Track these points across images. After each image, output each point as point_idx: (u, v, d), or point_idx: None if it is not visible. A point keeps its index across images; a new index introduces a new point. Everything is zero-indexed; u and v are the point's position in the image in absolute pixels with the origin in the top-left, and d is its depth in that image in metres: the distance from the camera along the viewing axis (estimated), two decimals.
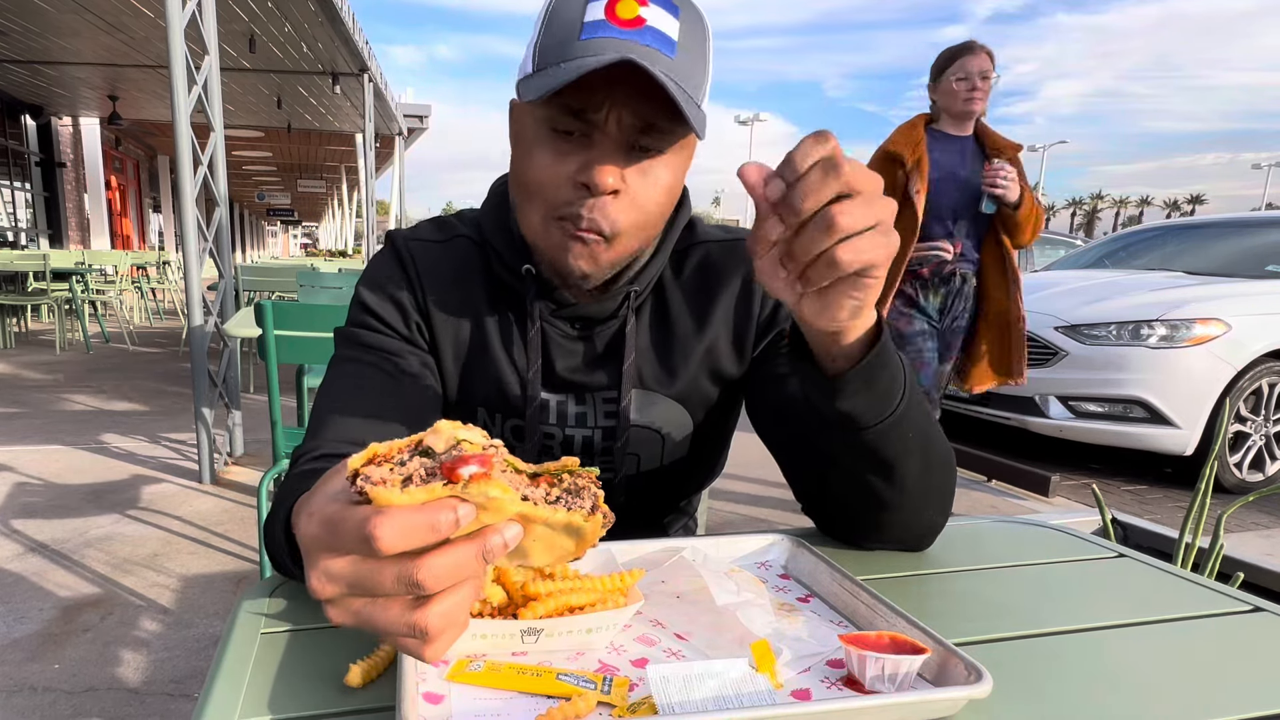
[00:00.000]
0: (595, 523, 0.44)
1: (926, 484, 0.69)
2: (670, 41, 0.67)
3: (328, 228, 33.97)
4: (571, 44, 0.66)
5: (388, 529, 0.37)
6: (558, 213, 0.72)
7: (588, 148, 0.70)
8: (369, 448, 0.40)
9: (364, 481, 0.38)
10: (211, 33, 3.51)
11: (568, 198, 0.71)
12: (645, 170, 0.71)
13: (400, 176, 13.74)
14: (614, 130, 0.68)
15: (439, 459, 0.40)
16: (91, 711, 1.77)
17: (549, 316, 0.83)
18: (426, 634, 0.39)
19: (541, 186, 0.72)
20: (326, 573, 0.40)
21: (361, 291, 0.84)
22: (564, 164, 0.70)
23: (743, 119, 42.39)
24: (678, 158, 0.74)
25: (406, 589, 0.38)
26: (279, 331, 2.00)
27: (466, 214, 0.89)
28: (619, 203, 0.71)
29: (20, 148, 11.75)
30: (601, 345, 0.84)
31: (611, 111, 0.68)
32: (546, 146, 0.71)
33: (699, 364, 0.85)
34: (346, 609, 0.41)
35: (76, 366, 6.25)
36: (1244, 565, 1.49)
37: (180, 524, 2.91)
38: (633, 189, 0.71)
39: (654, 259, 0.83)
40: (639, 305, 0.84)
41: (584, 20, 0.67)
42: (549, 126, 0.70)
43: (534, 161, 0.72)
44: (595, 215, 0.71)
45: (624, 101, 0.67)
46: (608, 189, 0.69)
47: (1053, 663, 0.54)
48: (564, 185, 0.71)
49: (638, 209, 0.72)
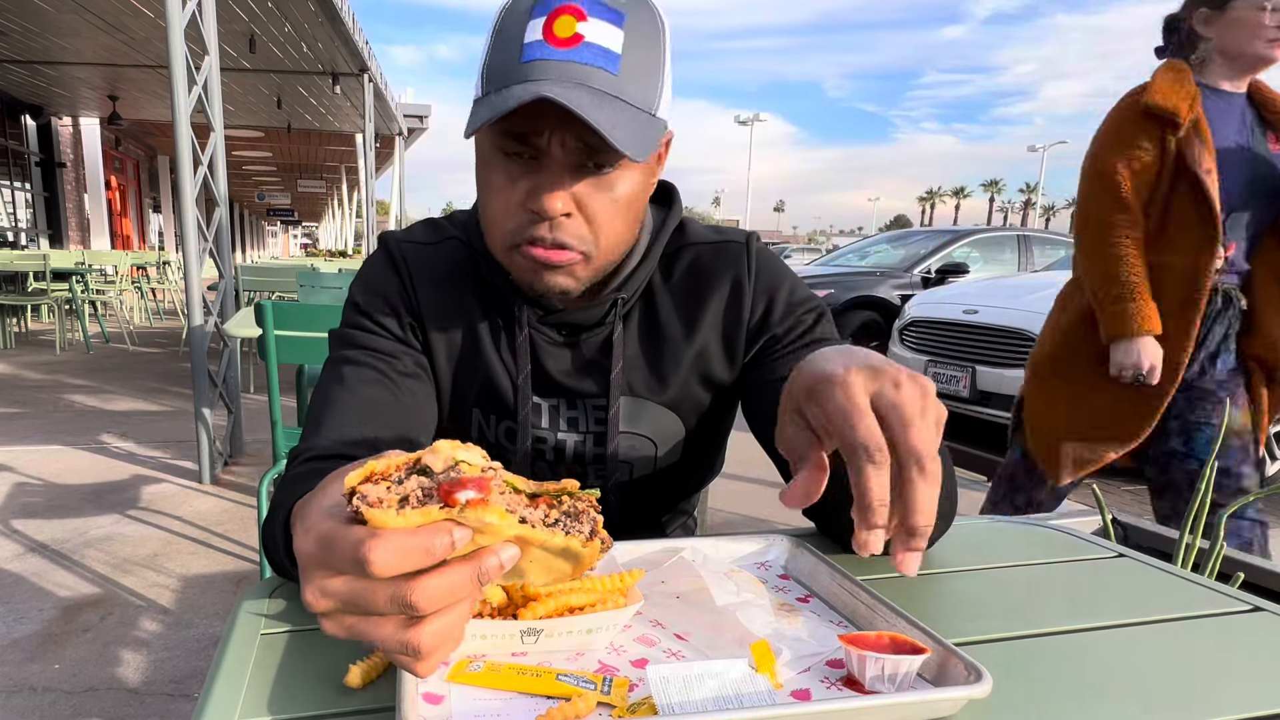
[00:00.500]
0: (593, 548, 0.43)
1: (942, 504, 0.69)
2: (612, 55, 0.66)
3: (328, 228, 33.97)
4: (512, 67, 0.66)
5: (382, 553, 0.37)
6: (515, 240, 0.72)
7: (536, 171, 0.69)
8: (366, 465, 0.40)
9: (360, 501, 0.38)
10: (211, 33, 3.51)
11: (521, 223, 0.71)
12: (599, 186, 0.70)
13: (400, 176, 13.74)
14: (558, 153, 0.68)
15: (436, 479, 0.40)
16: (91, 711, 1.77)
17: (535, 323, 0.83)
18: (419, 652, 0.39)
19: (496, 214, 0.72)
20: (321, 589, 0.40)
21: (355, 293, 0.84)
22: (514, 189, 0.70)
23: (743, 119, 42.42)
24: (637, 167, 0.72)
25: (400, 610, 0.38)
26: (279, 331, 2.00)
27: (458, 215, 0.89)
28: (574, 223, 0.71)
29: (20, 148, 11.75)
30: (589, 352, 0.84)
31: (553, 135, 0.67)
32: (498, 170, 0.71)
33: (689, 370, 0.84)
34: (340, 624, 0.41)
35: (76, 366, 6.25)
36: (1244, 565, 1.49)
37: (180, 524, 2.91)
38: (587, 207, 0.71)
39: (641, 264, 0.83)
40: (627, 311, 0.84)
41: (523, 41, 0.66)
42: (499, 150, 0.70)
43: (488, 185, 0.72)
44: (556, 234, 0.70)
45: (564, 125, 0.66)
46: (556, 213, 0.69)
47: (1053, 663, 0.54)
48: (516, 211, 0.71)
49: (596, 226, 0.72)
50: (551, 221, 0.70)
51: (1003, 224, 57.26)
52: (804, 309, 0.85)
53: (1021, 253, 6.94)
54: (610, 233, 0.73)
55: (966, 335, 4.34)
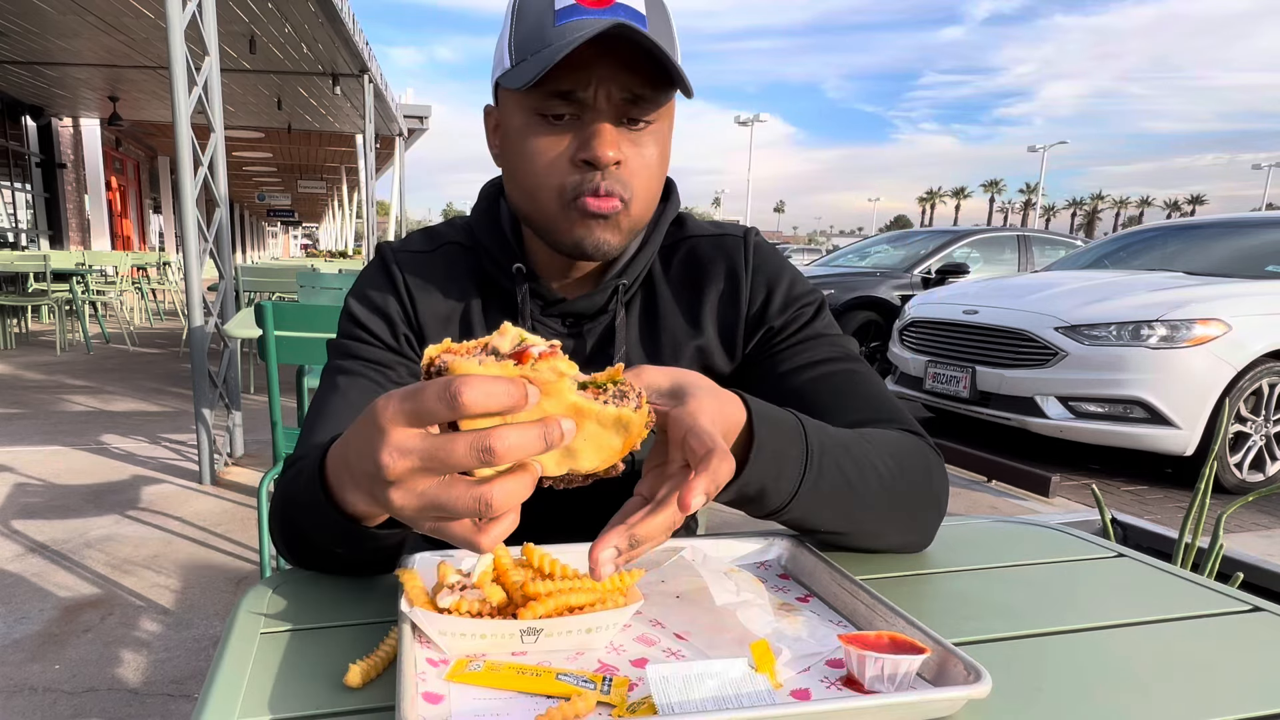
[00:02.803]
0: (642, 415, 0.47)
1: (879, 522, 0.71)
2: (641, 16, 0.69)
3: (328, 228, 33.98)
4: (547, 30, 0.68)
5: (470, 389, 0.40)
6: (570, 194, 0.73)
7: (581, 127, 0.71)
8: (443, 342, 0.44)
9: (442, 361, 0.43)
10: (212, 33, 3.51)
11: (574, 179, 0.72)
12: (637, 141, 0.73)
13: (400, 177, 13.75)
14: (604, 106, 0.70)
15: (504, 358, 0.44)
16: (91, 711, 1.77)
17: (538, 316, 0.84)
18: (490, 507, 0.42)
19: (544, 173, 0.73)
20: (399, 447, 0.42)
21: (351, 304, 0.85)
22: (559, 146, 0.72)
23: (743, 120, 42.39)
24: (662, 126, 0.76)
25: (479, 456, 0.41)
26: (279, 332, 2.00)
27: (457, 220, 0.90)
28: (623, 171, 0.73)
29: (21, 148, 11.75)
30: (592, 342, 0.84)
31: (600, 87, 0.69)
32: (540, 134, 0.72)
33: (691, 362, 0.85)
34: (412, 490, 0.43)
35: (77, 367, 6.25)
36: (1244, 565, 1.49)
37: (180, 524, 2.91)
38: (629, 158, 0.73)
39: (641, 251, 0.84)
40: (628, 300, 0.85)
41: (556, 8, 0.69)
42: (538, 114, 0.72)
43: (531, 150, 0.73)
44: (608, 183, 0.72)
45: (611, 76, 0.69)
46: (610, 161, 0.71)
47: (1053, 663, 0.54)
48: (566, 167, 0.72)
49: (639, 178, 0.74)
50: (604, 171, 0.72)
51: (1003, 224, 57.24)
52: (802, 302, 0.85)
53: (1021, 253, 6.93)
54: (647, 187, 0.76)
55: (966, 335, 4.34)
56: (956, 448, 3.56)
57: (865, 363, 0.83)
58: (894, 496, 0.70)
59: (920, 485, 0.72)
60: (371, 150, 9.83)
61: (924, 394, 4.57)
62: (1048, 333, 3.91)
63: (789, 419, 0.63)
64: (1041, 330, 3.94)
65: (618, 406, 0.46)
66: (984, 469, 3.57)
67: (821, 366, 0.81)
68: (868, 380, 0.81)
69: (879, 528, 0.72)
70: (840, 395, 0.79)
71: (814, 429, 0.64)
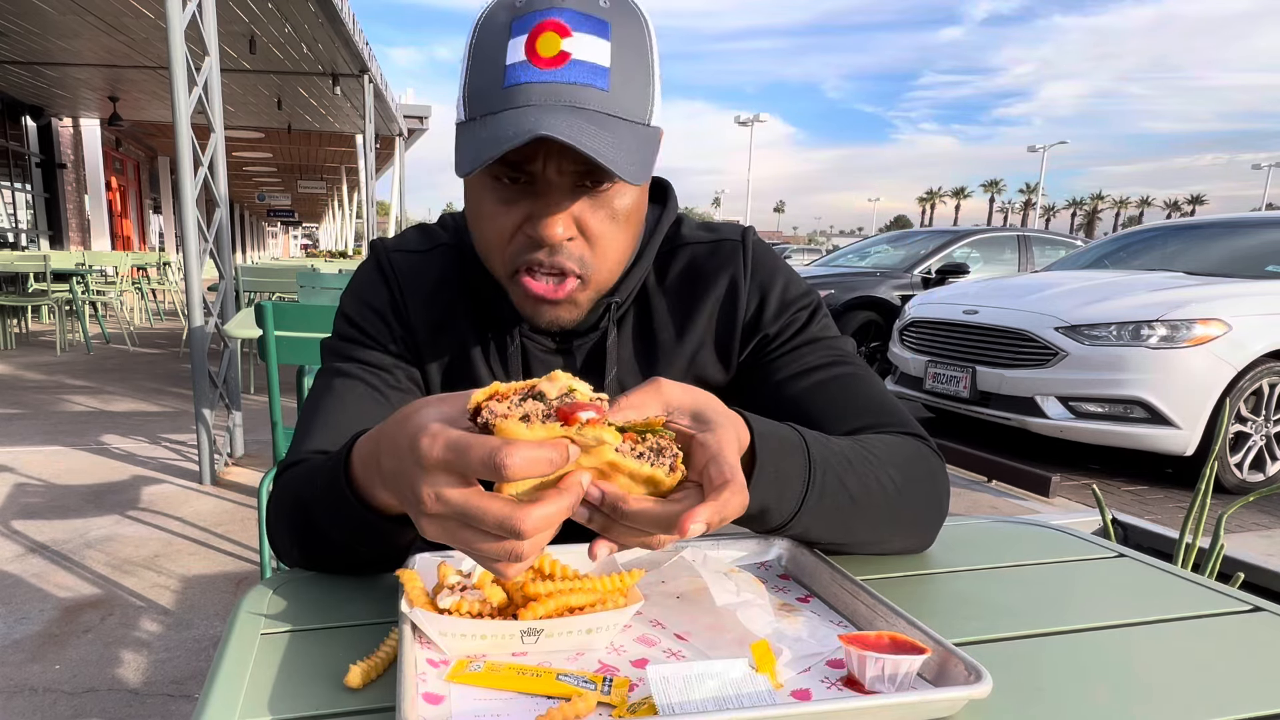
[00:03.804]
0: (675, 478, 0.50)
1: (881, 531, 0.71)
2: (601, 71, 0.63)
3: (328, 228, 33.96)
4: (495, 91, 0.64)
5: (516, 459, 0.43)
6: (515, 265, 0.71)
7: (532, 196, 0.68)
8: (491, 385, 0.47)
9: (490, 415, 0.45)
10: (212, 34, 3.51)
11: (520, 248, 0.70)
12: (597, 204, 0.69)
13: (400, 177, 13.74)
14: (555, 177, 0.66)
15: (550, 403, 0.46)
16: (92, 712, 1.77)
17: (528, 332, 0.82)
18: (522, 556, 0.46)
19: (493, 239, 0.71)
20: (439, 496, 0.45)
21: (345, 304, 0.83)
22: (510, 214, 0.69)
23: (742, 120, 42.35)
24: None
25: (504, 533, 0.45)
26: (279, 332, 2.00)
27: (450, 220, 0.88)
28: (575, 245, 0.69)
29: (21, 149, 11.75)
30: (582, 359, 0.82)
31: (549, 162, 0.65)
32: (491, 197, 0.69)
33: (684, 373, 0.83)
34: (444, 528, 0.47)
35: (77, 367, 6.25)
36: (1244, 565, 1.49)
37: (180, 525, 2.91)
38: (588, 227, 0.69)
39: (635, 267, 0.81)
40: (620, 316, 0.82)
41: (506, 63, 0.63)
42: (490, 175, 0.68)
43: (481, 214, 0.71)
44: (556, 260, 0.69)
45: (560, 152, 0.64)
46: (558, 239, 0.67)
47: (1053, 663, 0.54)
48: (515, 236, 0.69)
49: (599, 248, 0.70)
50: (551, 246, 0.68)
51: (1003, 224, 57.22)
52: (797, 307, 0.83)
53: (1021, 253, 6.93)
54: (612, 252, 0.72)
55: (966, 335, 4.34)
56: (956, 448, 3.56)
57: (864, 364, 0.82)
58: (897, 507, 0.69)
59: (924, 493, 0.72)
60: (371, 150, 9.83)
61: (924, 394, 4.57)
62: (1048, 333, 3.91)
63: (792, 437, 0.62)
64: (1041, 330, 3.94)
65: (652, 466, 0.49)
66: (984, 469, 3.57)
67: (818, 373, 0.79)
68: (866, 383, 0.79)
69: (882, 537, 0.72)
70: (838, 401, 0.77)
71: (817, 446, 0.63)
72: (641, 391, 0.54)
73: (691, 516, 0.47)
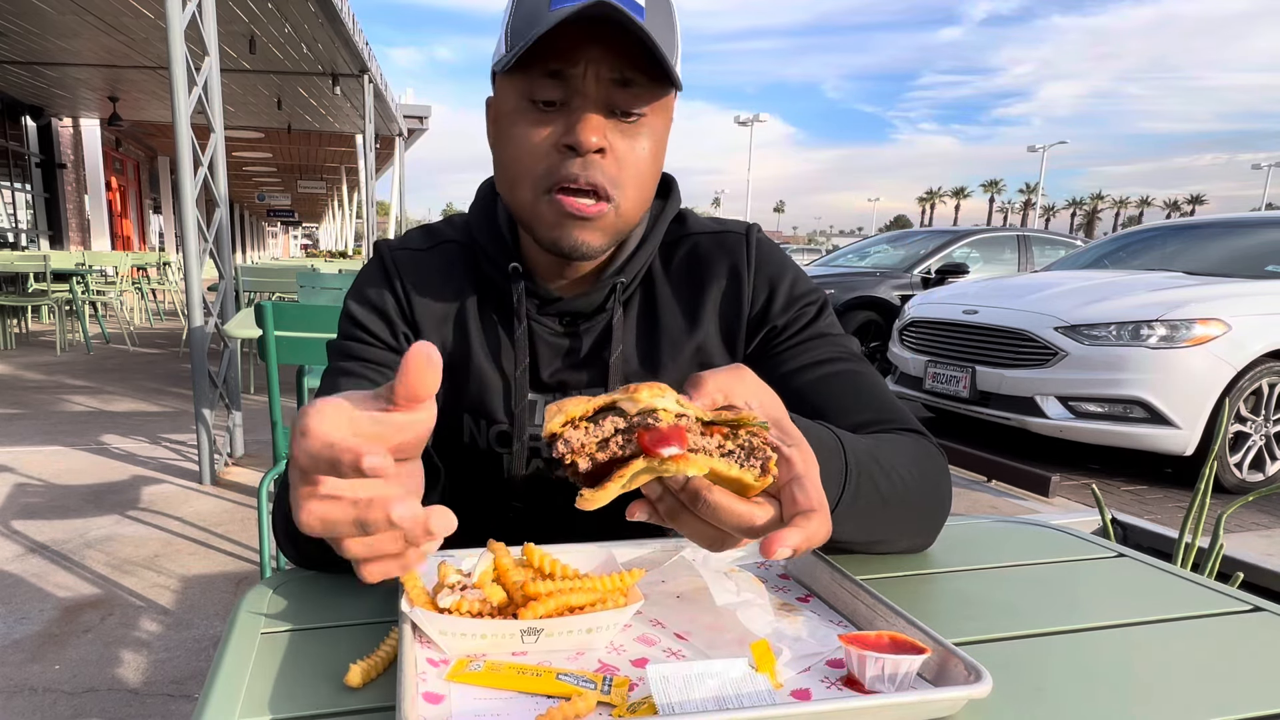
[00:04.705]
0: (763, 484, 0.47)
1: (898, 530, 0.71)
2: (638, 6, 0.67)
3: (328, 228, 33.97)
4: (541, 15, 0.67)
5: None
6: (548, 183, 0.72)
7: (568, 114, 0.70)
8: (564, 410, 0.45)
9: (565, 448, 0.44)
10: (211, 34, 3.51)
11: (554, 164, 0.71)
12: (627, 133, 0.72)
13: (400, 177, 13.74)
14: (593, 88, 0.69)
15: (631, 420, 0.45)
16: (91, 712, 1.77)
17: (535, 315, 0.82)
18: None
19: (526, 159, 0.72)
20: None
21: (350, 304, 0.84)
22: (545, 132, 0.71)
23: (742, 120, 42.35)
24: (658, 121, 0.74)
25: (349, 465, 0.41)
26: (279, 332, 2.00)
27: (455, 219, 0.89)
28: (607, 161, 0.71)
29: (20, 149, 11.75)
30: (589, 341, 0.83)
31: (589, 67, 0.68)
32: (527, 120, 0.72)
33: (689, 361, 0.84)
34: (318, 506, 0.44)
35: (77, 367, 6.25)
36: (1244, 565, 1.49)
37: (180, 524, 2.91)
38: (618, 150, 0.72)
39: (641, 249, 0.82)
40: (626, 298, 0.84)
41: None
42: (528, 99, 0.71)
43: (517, 135, 0.72)
44: (590, 173, 0.71)
45: (600, 56, 0.68)
46: (592, 147, 0.69)
47: (1052, 662, 0.54)
48: (549, 153, 0.71)
49: (627, 172, 0.73)
50: (585, 159, 0.70)
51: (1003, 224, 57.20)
52: (805, 301, 0.84)
53: (1021, 253, 6.93)
54: (637, 183, 0.74)
55: (966, 335, 4.34)
56: (956, 448, 3.56)
57: (867, 363, 0.82)
58: (915, 507, 0.70)
59: (935, 491, 0.72)
60: (371, 150, 9.83)
61: (924, 394, 4.57)
62: (1048, 333, 3.91)
63: (829, 438, 0.62)
64: (1041, 330, 3.94)
65: (742, 468, 0.46)
66: (984, 469, 3.56)
67: (824, 367, 0.80)
68: (871, 381, 0.80)
69: (896, 536, 0.72)
70: (844, 396, 0.78)
71: (851, 447, 0.63)
72: (727, 373, 0.53)
73: (780, 540, 0.46)
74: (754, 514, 0.48)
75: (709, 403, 0.50)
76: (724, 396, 0.51)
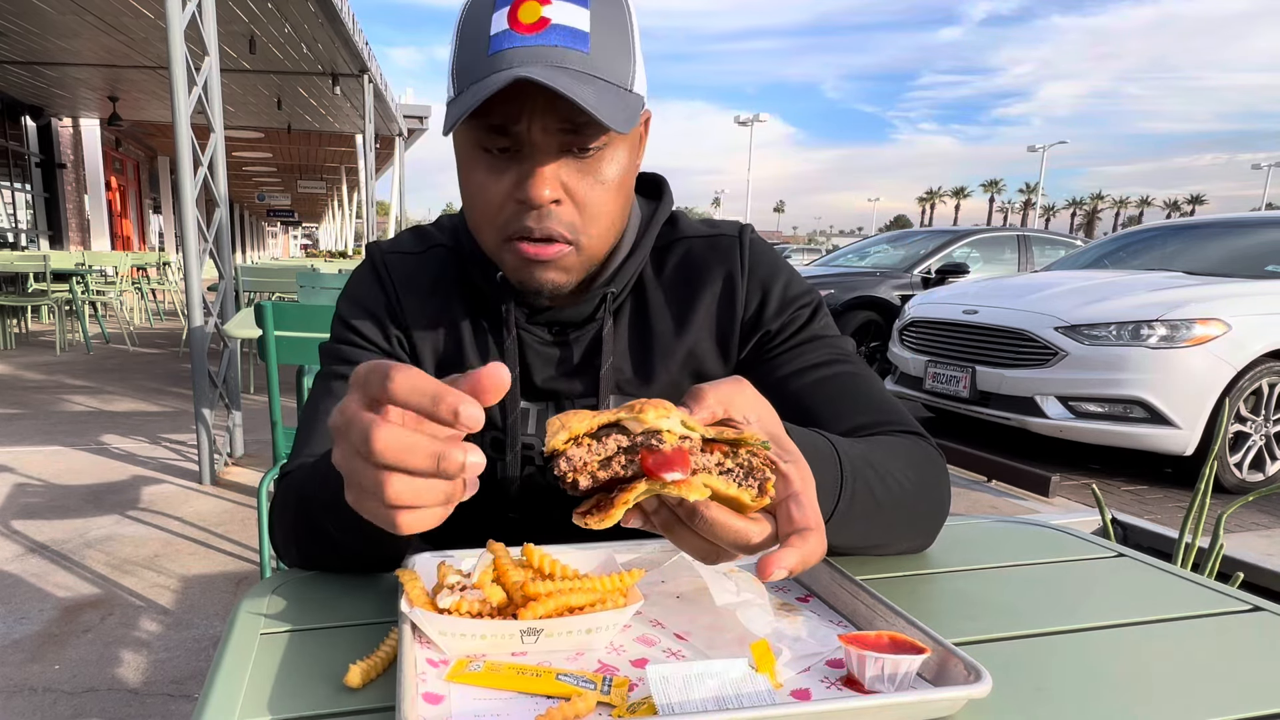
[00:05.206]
0: (760, 504, 0.48)
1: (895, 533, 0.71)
2: (581, 35, 0.65)
3: (328, 228, 33.97)
4: (480, 61, 0.65)
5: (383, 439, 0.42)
6: (506, 233, 0.71)
7: (520, 161, 0.69)
8: (568, 426, 0.45)
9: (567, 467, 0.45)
10: (211, 34, 3.51)
11: (510, 215, 0.70)
12: (586, 170, 0.69)
13: (400, 177, 13.75)
14: (540, 139, 0.67)
15: (635, 438, 0.45)
16: (91, 712, 1.77)
17: (525, 324, 0.81)
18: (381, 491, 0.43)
19: (483, 209, 0.71)
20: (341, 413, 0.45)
21: (341, 307, 0.84)
22: (499, 182, 0.69)
23: (742, 120, 42.34)
24: (619, 148, 0.71)
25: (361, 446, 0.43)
26: (279, 332, 2.00)
27: (446, 221, 0.88)
28: (564, 210, 0.70)
29: (20, 149, 11.75)
30: (579, 350, 0.82)
31: (534, 121, 0.66)
32: (481, 167, 0.70)
33: (681, 366, 0.83)
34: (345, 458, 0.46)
35: (77, 367, 6.25)
36: (1244, 565, 1.49)
37: (180, 524, 2.91)
38: (576, 192, 0.70)
39: (631, 257, 0.81)
40: (617, 307, 0.82)
41: (490, 34, 0.65)
42: (480, 147, 0.69)
43: (471, 184, 0.71)
44: (546, 225, 0.69)
45: (542, 110, 0.65)
46: (545, 201, 0.68)
47: (1053, 663, 0.54)
48: (505, 204, 0.70)
49: (590, 209, 0.71)
50: (540, 211, 0.69)
51: (1003, 224, 57.20)
52: (799, 304, 0.83)
53: (1021, 253, 6.93)
54: (601, 218, 0.72)
55: (966, 335, 4.34)
56: (956, 448, 3.56)
57: (864, 363, 0.82)
58: (912, 510, 0.70)
59: (934, 494, 0.72)
60: (371, 150, 9.83)
61: (924, 394, 4.57)
62: (1048, 332, 3.91)
63: (824, 446, 0.61)
64: (1041, 330, 3.94)
65: (740, 487, 0.47)
66: (984, 469, 3.56)
67: (820, 370, 0.79)
68: (868, 382, 0.80)
69: (894, 539, 0.72)
70: (841, 399, 0.77)
71: (846, 454, 0.63)
72: (728, 386, 0.53)
73: (776, 562, 0.46)
74: (750, 531, 0.48)
75: (709, 416, 0.50)
76: (724, 410, 0.51)
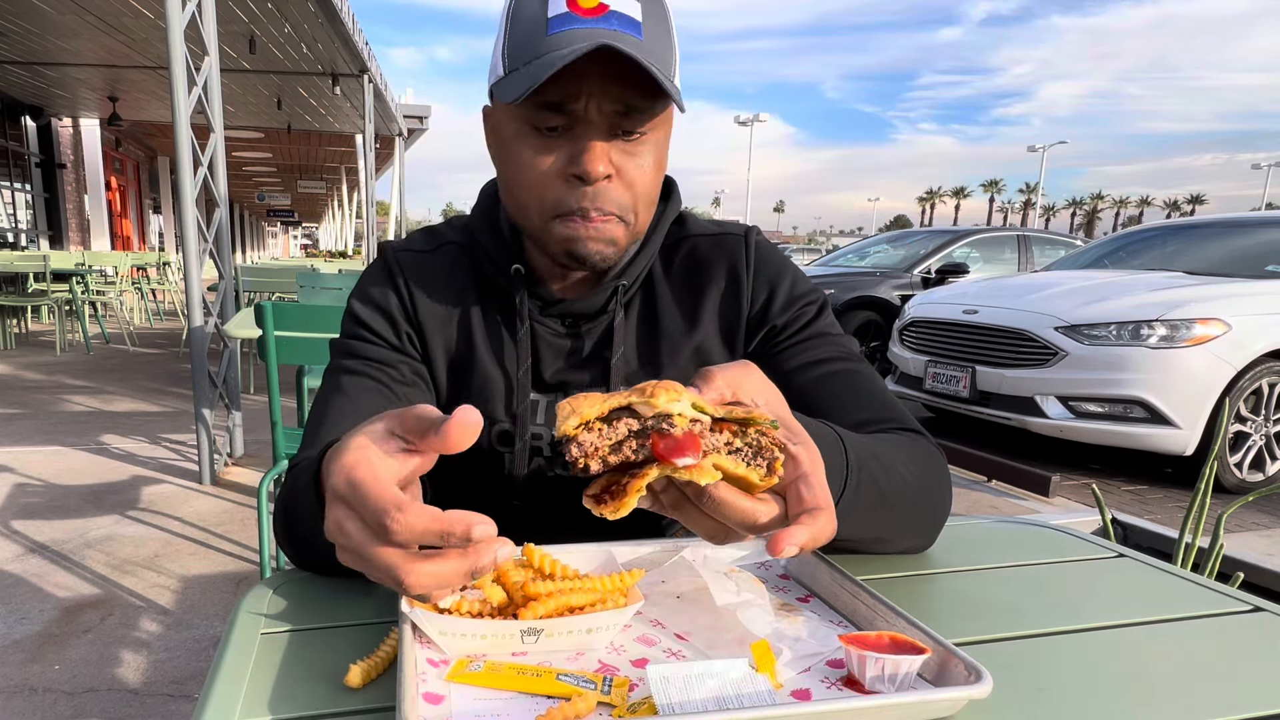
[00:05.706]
0: (768, 483, 0.48)
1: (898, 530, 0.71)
2: (636, 24, 0.68)
3: (328, 228, 33.98)
4: (539, 40, 0.67)
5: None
6: (557, 211, 0.73)
7: (572, 140, 0.71)
8: (578, 411, 0.45)
9: (578, 452, 0.44)
10: (211, 34, 3.51)
11: (561, 194, 0.72)
12: (631, 153, 0.72)
13: (400, 177, 13.74)
14: (596, 118, 0.69)
15: (645, 422, 0.45)
16: (91, 712, 1.77)
17: (538, 316, 0.83)
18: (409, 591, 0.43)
19: (533, 187, 0.73)
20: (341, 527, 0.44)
21: (354, 304, 0.85)
22: (549, 159, 0.71)
23: (742, 120, 42.33)
24: (659, 134, 0.75)
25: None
26: (279, 332, 2.00)
27: (456, 220, 0.90)
28: (615, 188, 0.72)
29: (20, 149, 11.75)
30: (590, 342, 0.84)
31: (591, 100, 0.68)
32: (530, 145, 0.72)
33: (688, 361, 0.84)
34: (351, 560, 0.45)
35: (77, 367, 6.25)
36: (1244, 565, 1.49)
37: (180, 525, 2.91)
38: (624, 171, 0.72)
39: (642, 251, 0.83)
40: (628, 300, 0.84)
41: (548, 15, 0.67)
42: (529, 125, 0.71)
43: (520, 162, 0.73)
44: (598, 202, 0.71)
45: (601, 89, 0.68)
46: (600, 176, 0.70)
47: (1053, 663, 0.54)
48: (555, 182, 0.72)
49: (633, 191, 0.73)
50: (593, 188, 0.71)
51: (1003, 224, 57.22)
52: (804, 301, 0.85)
53: (1021, 253, 6.93)
54: (645, 199, 0.75)
55: (966, 335, 4.34)
56: (956, 448, 3.56)
57: (866, 363, 0.83)
58: (915, 506, 0.70)
59: (936, 492, 0.72)
60: (371, 150, 9.83)
61: (924, 394, 4.57)
62: (1048, 332, 3.91)
63: (829, 435, 0.62)
64: (1041, 330, 3.94)
65: (749, 466, 0.47)
66: (984, 469, 3.56)
67: (824, 366, 0.81)
68: (870, 380, 0.81)
69: (896, 535, 0.72)
70: (843, 395, 0.79)
71: (851, 444, 0.63)
72: (736, 369, 0.53)
73: (787, 538, 0.47)
74: (758, 511, 0.48)
75: (717, 397, 0.50)
76: (732, 392, 0.51)
